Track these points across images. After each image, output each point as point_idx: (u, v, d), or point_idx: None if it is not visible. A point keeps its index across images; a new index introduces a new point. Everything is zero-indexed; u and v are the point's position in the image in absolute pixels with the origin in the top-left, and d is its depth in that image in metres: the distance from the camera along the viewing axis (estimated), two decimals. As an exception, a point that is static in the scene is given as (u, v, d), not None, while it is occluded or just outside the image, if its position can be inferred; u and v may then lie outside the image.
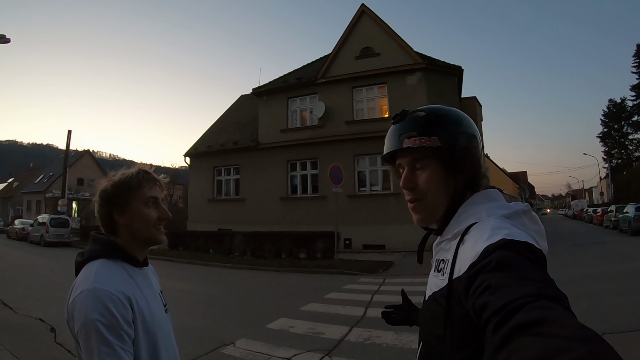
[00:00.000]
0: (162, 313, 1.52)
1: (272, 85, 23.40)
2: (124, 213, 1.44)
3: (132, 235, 1.46)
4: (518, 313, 0.63)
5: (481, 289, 0.76)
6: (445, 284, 0.97)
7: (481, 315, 0.72)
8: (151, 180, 1.51)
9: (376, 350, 5.52)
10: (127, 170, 1.51)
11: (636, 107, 55.21)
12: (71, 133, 30.70)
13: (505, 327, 0.62)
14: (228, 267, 15.41)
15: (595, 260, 13.13)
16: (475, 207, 1.05)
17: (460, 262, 0.93)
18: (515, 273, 0.74)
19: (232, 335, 6.31)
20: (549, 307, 0.63)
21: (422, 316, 1.13)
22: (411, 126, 1.09)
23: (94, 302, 1.25)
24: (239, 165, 23.80)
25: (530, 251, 0.83)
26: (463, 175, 1.08)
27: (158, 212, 1.49)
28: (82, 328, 1.23)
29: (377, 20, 20.83)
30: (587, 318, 6.25)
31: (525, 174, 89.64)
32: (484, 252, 0.84)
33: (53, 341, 6.02)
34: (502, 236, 0.86)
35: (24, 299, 8.76)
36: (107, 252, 1.42)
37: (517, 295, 0.67)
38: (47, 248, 23.23)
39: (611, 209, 28.61)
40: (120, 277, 1.38)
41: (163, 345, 1.43)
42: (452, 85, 20.52)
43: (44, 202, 48.71)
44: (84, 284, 1.31)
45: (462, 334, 0.91)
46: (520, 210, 1.02)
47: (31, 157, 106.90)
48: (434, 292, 1.04)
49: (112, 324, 1.24)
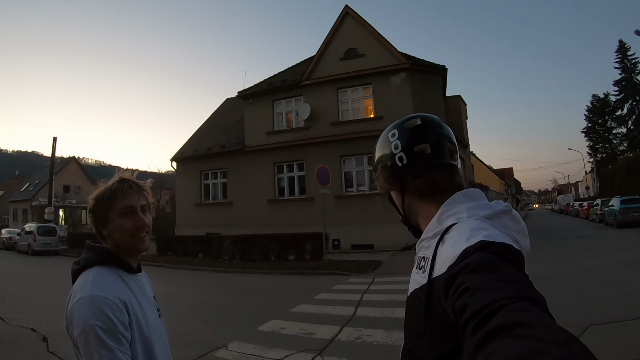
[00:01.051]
0: (156, 317, 1.56)
1: (258, 88, 23.40)
2: (104, 226, 1.48)
3: (115, 245, 1.49)
4: (496, 315, 0.63)
5: (460, 291, 0.76)
6: (426, 281, 0.98)
7: (460, 317, 0.72)
8: (127, 189, 1.50)
9: (367, 349, 5.57)
10: (107, 182, 1.52)
11: (619, 102, 56.03)
12: (56, 140, 30.38)
13: (483, 329, 0.62)
14: (217, 271, 15.36)
15: (581, 254, 13.34)
16: (456, 207, 1.06)
17: (440, 261, 0.95)
18: (493, 275, 0.75)
19: (224, 338, 6.33)
20: (527, 309, 0.64)
21: (405, 313, 1.15)
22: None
23: (92, 308, 1.30)
24: (225, 168, 23.77)
25: (509, 252, 0.83)
26: (392, 187, 1.20)
27: (134, 221, 1.48)
28: (82, 333, 1.28)
29: (361, 22, 20.93)
30: (573, 310, 6.39)
31: (511, 170, 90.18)
32: (462, 254, 0.85)
33: (46, 350, 6.00)
34: (480, 237, 0.86)
35: (13, 309, 8.69)
36: (101, 259, 1.46)
37: (495, 298, 0.67)
38: (35, 257, 23.00)
39: (597, 202, 28.90)
40: (115, 283, 1.42)
41: (158, 348, 1.48)
42: (436, 85, 20.72)
43: (31, 211, 48.11)
44: (81, 291, 1.36)
45: (441, 331, 0.93)
46: (500, 211, 1.03)
47: (16, 165, 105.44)
48: (415, 288, 1.06)
49: (110, 328, 1.29)
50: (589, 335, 5.19)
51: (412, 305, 1.07)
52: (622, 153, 54.95)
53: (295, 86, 21.86)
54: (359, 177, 19.84)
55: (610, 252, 13.05)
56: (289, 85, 22.17)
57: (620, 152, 56.11)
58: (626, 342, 4.92)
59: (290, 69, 24.15)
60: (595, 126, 59.06)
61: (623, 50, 54.59)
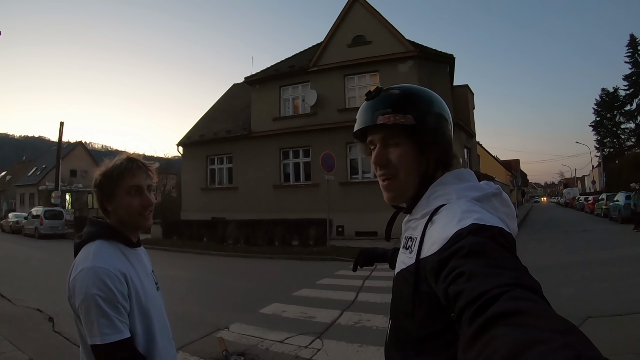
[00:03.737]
0: (154, 290, 1.63)
1: (265, 73, 23.27)
2: (110, 201, 1.54)
3: (119, 220, 1.56)
4: (495, 303, 0.62)
5: (454, 275, 0.75)
6: (413, 262, 0.98)
7: (455, 303, 0.71)
8: (136, 169, 1.56)
9: (366, 333, 5.63)
10: (114, 160, 1.58)
11: (629, 97, 55.44)
12: (63, 125, 30.47)
13: (482, 317, 0.62)
14: (222, 255, 15.46)
15: (583, 247, 13.30)
16: (445, 188, 1.05)
17: (429, 242, 0.94)
18: (489, 260, 0.74)
19: (226, 320, 6.42)
20: (525, 297, 0.63)
21: (392, 293, 1.14)
22: (386, 103, 1.08)
23: (93, 279, 1.36)
24: (231, 154, 23.77)
25: (502, 236, 0.83)
26: (434, 154, 1.08)
27: (141, 200, 1.55)
28: (83, 302, 1.35)
29: (369, 9, 20.73)
30: (572, 303, 6.43)
31: (517, 162, 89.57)
32: (455, 236, 0.84)
33: (52, 330, 6.11)
34: (472, 220, 0.85)
35: (20, 290, 8.80)
36: (103, 233, 1.53)
37: (493, 285, 0.66)
38: (42, 240, 23.22)
39: (602, 197, 28.82)
40: (116, 256, 1.49)
41: (155, 319, 1.54)
42: (444, 73, 20.50)
43: (38, 195, 48.46)
44: (83, 262, 1.42)
45: (428, 312, 0.93)
46: (490, 193, 1.02)
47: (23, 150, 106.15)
48: (402, 269, 1.06)
49: (110, 298, 1.36)
50: (586, 327, 5.17)
51: (399, 285, 1.07)
52: (630, 148, 54.53)
53: (302, 72, 21.76)
54: (365, 164, 19.60)
55: (612, 246, 13.07)
56: (296, 72, 22.06)
57: (628, 147, 55.64)
58: (623, 336, 4.95)
59: (298, 55, 24.04)
60: (603, 120, 58.57)
61: (634, 44, 53.82)
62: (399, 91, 1.10)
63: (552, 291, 6.84)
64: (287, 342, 5.42)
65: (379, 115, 1.08)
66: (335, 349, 5.15)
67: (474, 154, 26.22)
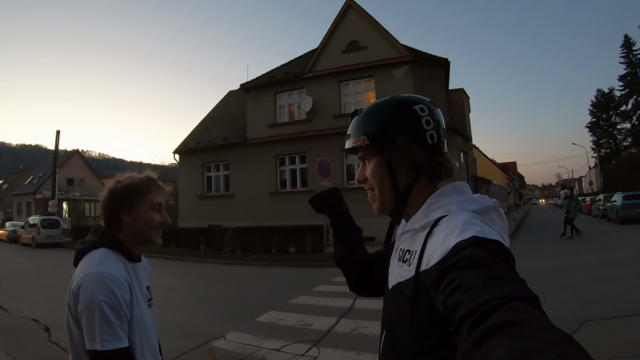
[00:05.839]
0: (146, 307, 1.64)
1: (260, 80, 23.31)
2: (130, 213, 1.58)
3: (133, 233, 1.61)
4: (494, 314, 0.63)
5: (453, 286, 0.76)
6: (412, 275, 0.97)
7: (453, 314, 0.72)
8: (160, 187, 1.69)
9: (363, 340, 5.62)
10: (136, 175, 1.68)
11: (624, 97, 56.00)
12: (60, 133, 30.39)
13: (480, 328, 0.62)
14: (219, 262, 15.46)
15: (580, 249, 13.28)
16: (444, 199, 1.05)
17: (429, 254, 0.93)
18: (488, 272, 0.75)
19: (223, 328, 6.40)
20: (523, 309, 0.64)
21: (385, 305, 1.16)
22: (351, 128, 1.16)
23: (99, 285, 1.38)
24: (228, 161, 23.74)
25: (502, 250, 0.83)
26: (406, 165, 1.08)
27: (160, 217, 1.66)
28: (87, 307, 1.36)
29: (363, 14, 20.80)
30: (570, 305, 6.41)
31: (514, 164, 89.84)
32: (455, 248, 0.84)
33: (48, 340, 6.08)
34: (473, 233, 0.85)
35: (16, 300, 8.77)
36: (108, 243, 1.55)
37: (491, 297, 0.67)
38: (39, 249, 23.12)
39: (599, 198, 28.90)
40: (120, 266, 1.52)
41: (144, 334, 1.55)
42: (439, 78, 20.62)
43: (35, 204, 48.29)
44: (88, 268, 1.44)
45: (427, 325, 0.93)
46: (490, 207, 1.03)
47: (20, 159, 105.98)
48: (398, 282, 1.05)
49: (115, 305, 1.38)
50: (585, 330, 5.18)
51: (396, 299, 1.06)
52: (626, 149, 54.90)
53: (298, 79, 21.78)
54: (361, 170, 19.64)
55: (610, 248, 13.08)
56: (291, 78, 22.08)
57: (624, 147, 56.05)
58: (621, 339, 4.94)
59: (293, 62, 24.04)
60: (599, 121, 59.02)
61: (628, 45, 54.45)
62: (364, 111, 1.16)
63: (550, 294, 6.84)
64: (284, 350, 5.41)
65: (346, 141, 1.17)
66: (332, 356, 5.14)
67: (471, 158, 26.25)
